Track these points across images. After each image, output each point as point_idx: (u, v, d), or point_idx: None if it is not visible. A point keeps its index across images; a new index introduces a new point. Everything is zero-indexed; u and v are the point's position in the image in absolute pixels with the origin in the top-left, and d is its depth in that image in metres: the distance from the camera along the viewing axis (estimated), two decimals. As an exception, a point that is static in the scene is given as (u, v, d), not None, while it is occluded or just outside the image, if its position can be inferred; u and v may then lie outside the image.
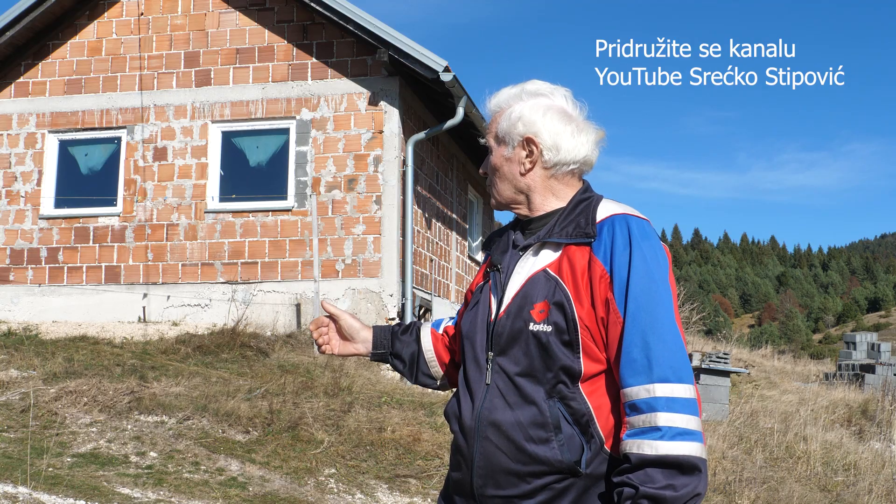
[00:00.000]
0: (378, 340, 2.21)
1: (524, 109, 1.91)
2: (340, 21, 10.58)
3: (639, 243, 1.77)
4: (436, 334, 2.22)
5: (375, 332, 2.22)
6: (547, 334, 1.77)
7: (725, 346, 19.85)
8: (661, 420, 1.65)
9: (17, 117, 11.89)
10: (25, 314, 11.38)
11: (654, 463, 1.64)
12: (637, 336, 1.71)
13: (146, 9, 11.69)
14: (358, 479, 6.27)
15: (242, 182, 11.33)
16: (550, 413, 1.75)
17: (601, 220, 1.83)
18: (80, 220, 11.57)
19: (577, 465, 1.73)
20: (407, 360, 2.21)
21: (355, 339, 2.22)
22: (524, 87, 1.95)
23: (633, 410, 1.69)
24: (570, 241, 1.82)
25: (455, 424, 1.91)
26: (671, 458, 1.63)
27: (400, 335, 2.23)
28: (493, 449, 1.79)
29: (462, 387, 1.91)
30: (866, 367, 18.58)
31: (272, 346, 9.62)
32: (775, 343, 48.42)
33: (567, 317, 1.76)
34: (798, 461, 8.21)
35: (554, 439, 1.74)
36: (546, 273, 1.82)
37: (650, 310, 1.72)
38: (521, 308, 1.82)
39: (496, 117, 1.98)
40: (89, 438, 6.37)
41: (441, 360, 2.20)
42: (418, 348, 2.20)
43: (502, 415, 1.80)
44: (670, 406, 1.66)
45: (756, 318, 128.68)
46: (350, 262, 10.77)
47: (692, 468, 1.64)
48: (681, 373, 1.70)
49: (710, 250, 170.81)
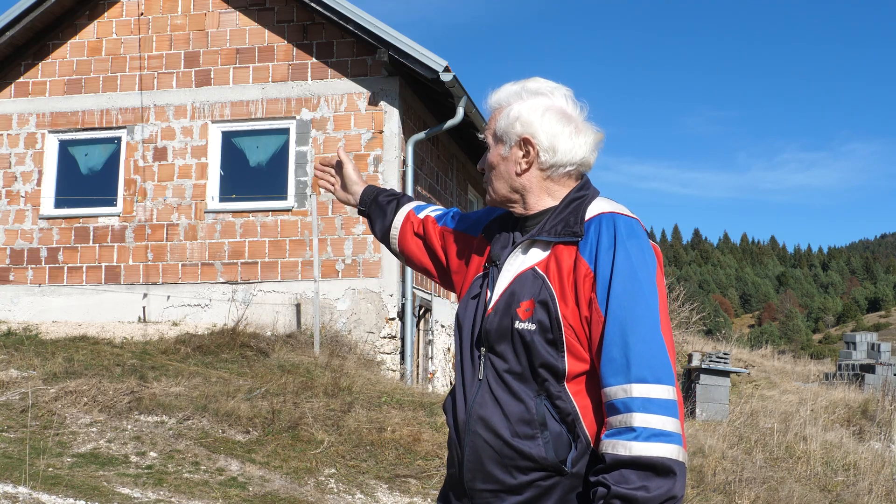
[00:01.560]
0: (363, 198, 2.37)
1: (523, 109, 1.90)
2: (340, 21, 10.58)
3: (624, 242, 1.77)
4: (410, 217, 2.29)
5: (365, 190, 2.37)
6: (531, 332, 1.78)
7: (725, 346, 19.86)
8: (636, 421, 1.65)
9: (17, 117, 11.89)
10: (25, 314, 11.39)
11: (627, 464, 1.64)
12: (617, 335, 1.70)
13: (146, 9, 11.69)
14: (358, 479, 6.27)
15: (242, 182, 11.33)
16: (537, 410, 1.76)
17: (589, 218, 1.83)
18: (80, 220, 11.57)
19: (562, 463, 1.74)
20: (376, 223, 2.35)
21: (349, 191, 2.40)
22: (525, 84, 1.94)
23: (611, 410, 1.69)
24: (557, 239, 1.82)
25: (450, 418, 1.94)
26: (644, 460, 1.63)
27: (379, 199, 2.35)
28: (482, 443, 1.81)
29: (457, 380, 1.94)
30: (866, 367, 18.59)
31: (272, 346, 9.62)
32: (775, 343, 48.43)
33: (551, 315, 1.77)
34: (798, 461, 8.21)
35: (539, 436, 1.75)
36: (534, 271, 1.83)
37: (631, 309, 1.71)
38: (508, 305, 1.83)
39: (496, 114, 1.97)
40: (89, 438, 6.37)
41: (404, 241, 2.28)
42: (391, 221, 2.31)
43: (491, 410, 1.81)
44: (646, 407, 1.66)
45: (756, 318, 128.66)
46: (350, 262, 10.77)
47: (667, 470, 1.63)
48: (659, 373, 1.68)
49: (710, 250, 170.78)
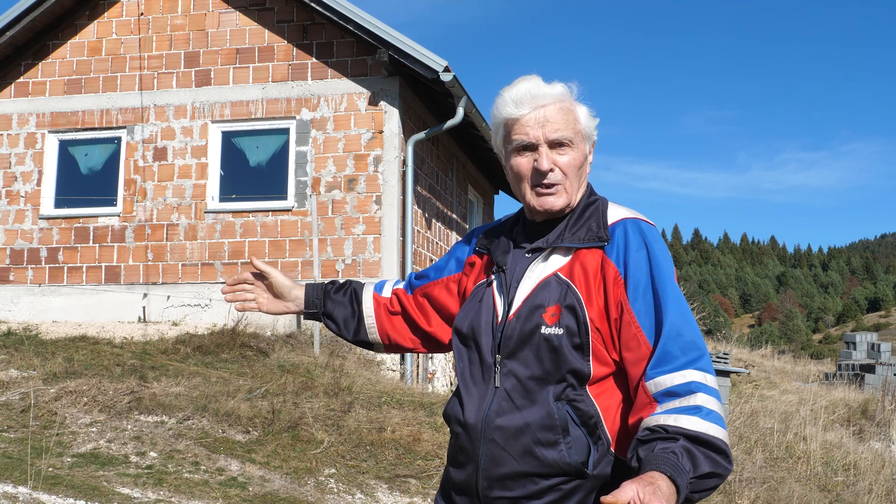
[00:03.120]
0: (310, 299, 2.15)
1: (584, 110, 1.92)
2: (340, 21, 10.58)
3: (653, 247, 1.80)
4: (379, 299, 2.17)
5: (308, 290, 2.16)
6: (559, 337, 1.77)
7: (725, 346, 19.86)
8: (699, 400, 1.66)
9: (17, 117, 11.89)
10: (25, 314, 11.38)
11: (692, 438, 1.62)
12: (673, 332, 1.72)
13: (146, 9, 11.69)
14: (358, 479, 6.27)
15: (242, 182, 11.33)
16: (559, 415, 1.75)
17: (612, 223, 1.84)
18: (80, 220, 11.57)
19: (584, 465, 1.73)
20: (340, 321, 2.16)
21: (286, 298, 2.16)
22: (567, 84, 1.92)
23: (667, 396, 1.68)
24: (582, 245, 1.83)
25: (457, 426, 1.89)
26: (709, 437, 1.62)
27: (333, 294, 2.17)
28: (500, 451, 1.78)
29: (464, 388, 1.89)
30: (866, 367, 18.60)
31: (272, 346, 9.62)
32: (775, 343, 48.41)
33: (579, 320, 1.77)
34: (798, 461, 8.21)
35: (562, 441, 1.74)
36: (557, 277, 1.82)
37: (676, 307, 1.74)
38: (532, 311, 1.81)
39: (571, 109, 1.89)
40: (89, 438, 6.37)
41: (382, 327, 2.15)
42: (358, 312, 2.15)
43: (510, 417, 1.79)
44: (706, 390, 1.67)
45: (756, 318, 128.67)
46: (350, 262, 10.77)
47: (722, 452, 1.63)
48: (709, 366, 1.73)
49: (710, 250, 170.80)
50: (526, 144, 1.87)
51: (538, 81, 1.88)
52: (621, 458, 1.76)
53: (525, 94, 1.85)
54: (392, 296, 2.17)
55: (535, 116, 1.85)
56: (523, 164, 1.88)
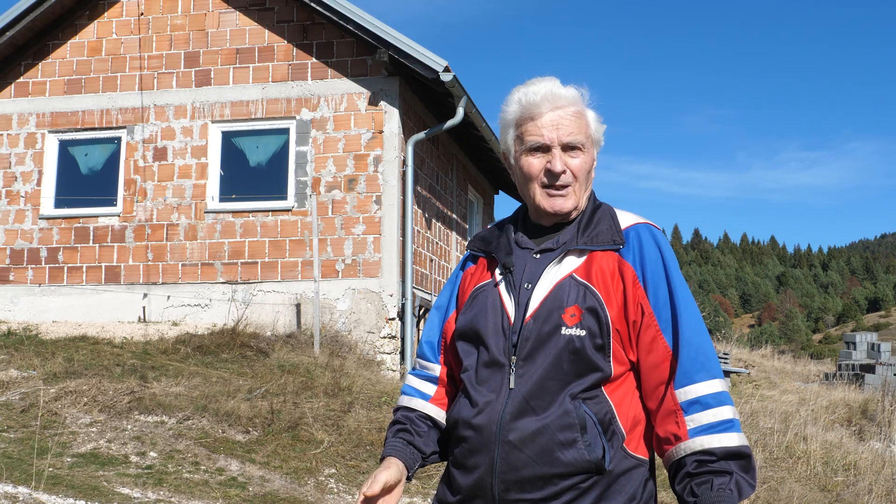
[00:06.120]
0: (409, 463, 1.94)
1: (593, 114, 1.94)
2: (340, 21, 10.58)
3: (665, 252, 1.85)
4: (438, 398, 2.02)
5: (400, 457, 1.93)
6: (581, 339, 1.77)
7: (725, 346, 19.86)
8: (728, 413, 1.74)
9: (17, 117, 11.89)
10: (25, 314, 11.38)
11: (734, 455, 1.71)
12: (694, 338, 1.78)
13: (146, 9, 11.69)
14: (358, 479, 6.27)
15: (242, 182, 11.33)
16: (577, 414, 1.75)
17: (625, 227, 1.87)
18: (80, 220, 11.57)
19: (601, 461, 1.74)
20: (438, 448, 2.00)
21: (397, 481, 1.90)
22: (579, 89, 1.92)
23: (696, 406, 1.74)
24: (599, 247, 1.84)
25: (465, 430, 1.84)
26: (742, 450, 1.72)
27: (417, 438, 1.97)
28: (518, 454, 1.76)
29: (474, 390, 1.85)
30: (866, 367, 18.60)
31: (272, 346, 9.62)
32: (775, 343, 48.37)
33: (601, 321, 1.78)
34: (798, 461, 8.21)
35: (580, 440, 1.74)
36: (574, 278, 1.83)
37: (693, 314, 1.81)
38: (550, 312, 1.80)
39: (583, 114, 1.89)
40: (89, 438, 6.37)
41: None
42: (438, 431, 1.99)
43: (528, 420, 1.77)
44: (730, 400, 1.77)
45: (756, 318, 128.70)
46: (350, 262, 10.77)
47: (751, 458, 1.73)
48: (720, 371, 1.81)
49: (710, 250, 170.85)
50: (540, 145, 1.87)
51: (556, 83, 1.89)
52: (633, 453, 1.79)
53: (544, 95, 1.86)
54: (439, 385, 2.04)
55: (550, 118, 1.86)
56: (535, 165, 1.88)
